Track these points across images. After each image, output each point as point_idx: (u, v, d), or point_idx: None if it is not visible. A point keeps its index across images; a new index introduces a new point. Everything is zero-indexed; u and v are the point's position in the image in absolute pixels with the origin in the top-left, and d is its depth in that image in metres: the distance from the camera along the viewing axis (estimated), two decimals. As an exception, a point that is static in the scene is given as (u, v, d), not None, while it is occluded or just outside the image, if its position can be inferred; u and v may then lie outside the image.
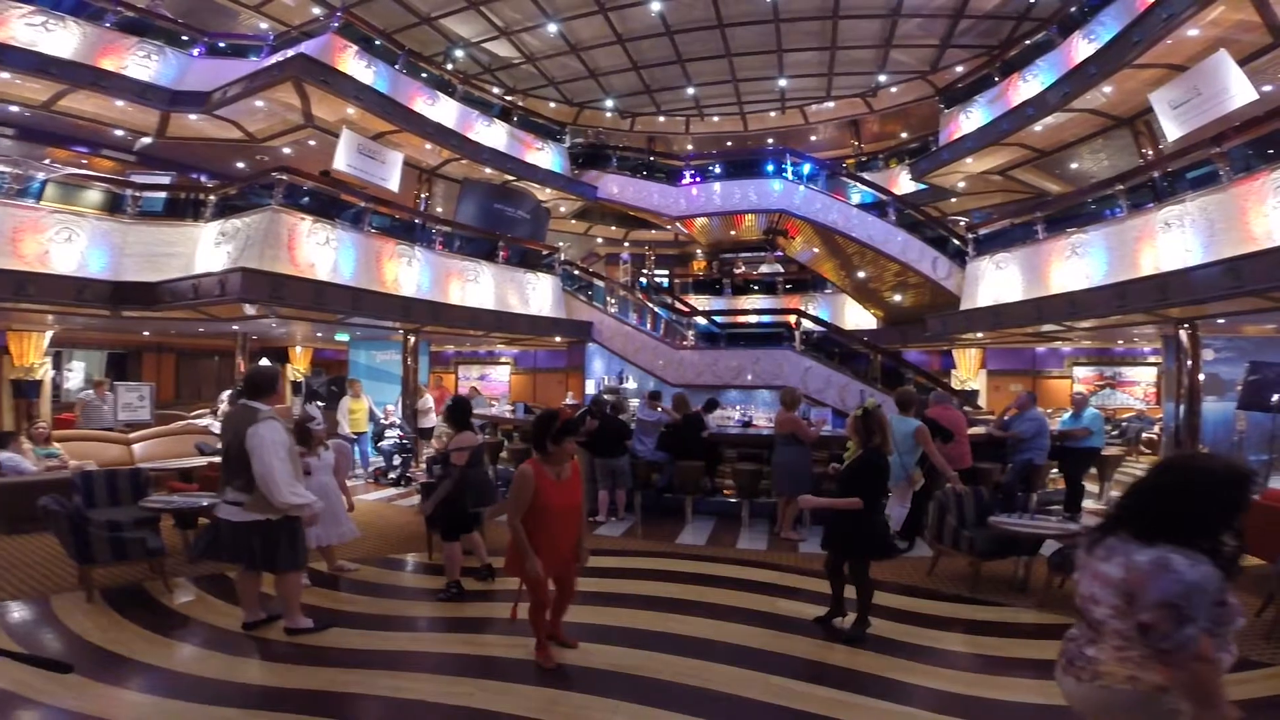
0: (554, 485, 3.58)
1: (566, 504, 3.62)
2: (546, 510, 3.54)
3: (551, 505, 3.55)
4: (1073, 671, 1.92)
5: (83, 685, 3.31)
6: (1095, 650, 1.86)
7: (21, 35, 10.02)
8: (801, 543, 6.65)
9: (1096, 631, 1.87)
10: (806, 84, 17.26)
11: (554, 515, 3.56)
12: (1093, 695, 1.86)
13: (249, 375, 4.28)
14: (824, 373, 12.25)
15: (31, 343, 12.40)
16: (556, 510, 3.56)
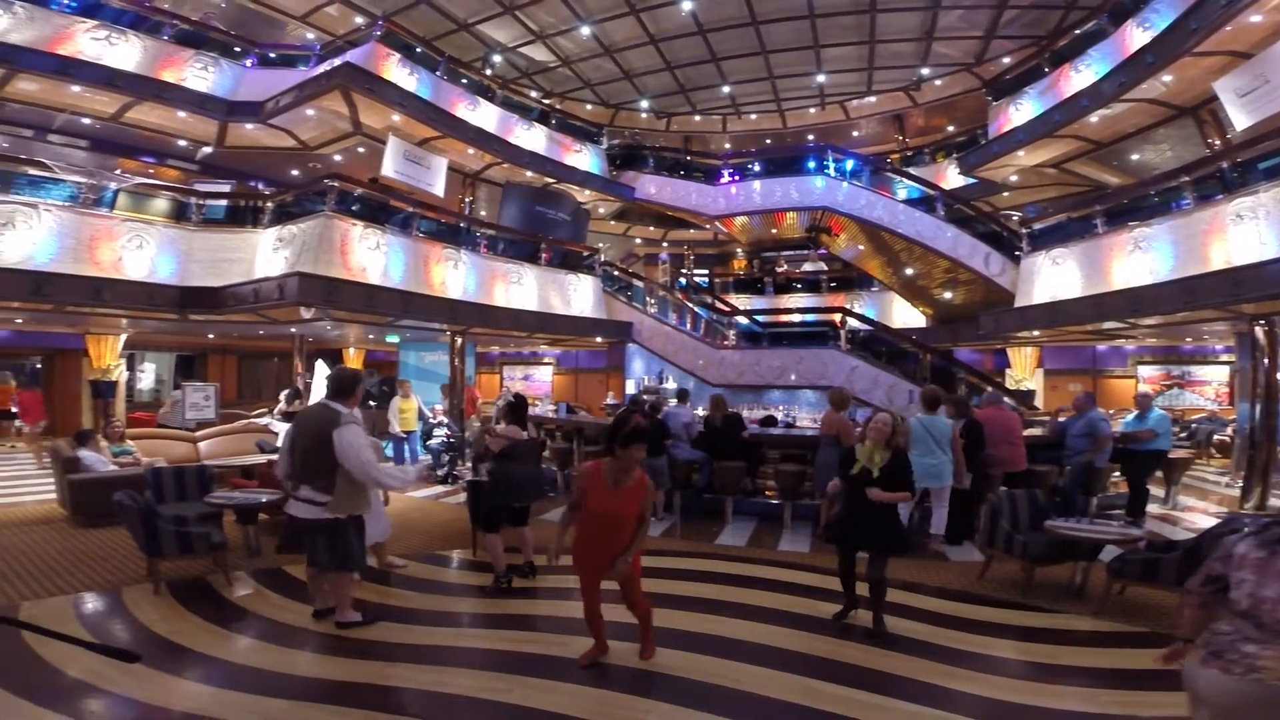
0: (603, 489, 3.53)
1: (610, 510, 3.51)
2: (588, 512, 3.56)
3: (592, 508, 3.54)
4: (1219, 664, 1.90)
5: (147, 675, 3.48)
6: (1257, 648, 1.85)
7: (88, 49, 10.58)
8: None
9: (1264, 630, 1.86)
10: (846, 79, 17.00)
11: (593, 518, 3.55)
12: (1242, 689, 1.85)
13: (334, 376, 4.42)
14: (871, 372, 12.00)
15: (108, 345, 13.21)
16: (595, 513, 3.54)
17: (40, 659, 3.65)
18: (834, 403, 7.17)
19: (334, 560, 4.18)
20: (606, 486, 3.53)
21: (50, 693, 3.28)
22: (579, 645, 4.04)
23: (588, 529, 3.58)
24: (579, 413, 11.61)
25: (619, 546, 3.51)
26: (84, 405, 13.80)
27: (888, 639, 4.19)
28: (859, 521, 4.31)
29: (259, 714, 3.17)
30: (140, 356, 16.75)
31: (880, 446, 4.24)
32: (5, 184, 8.75)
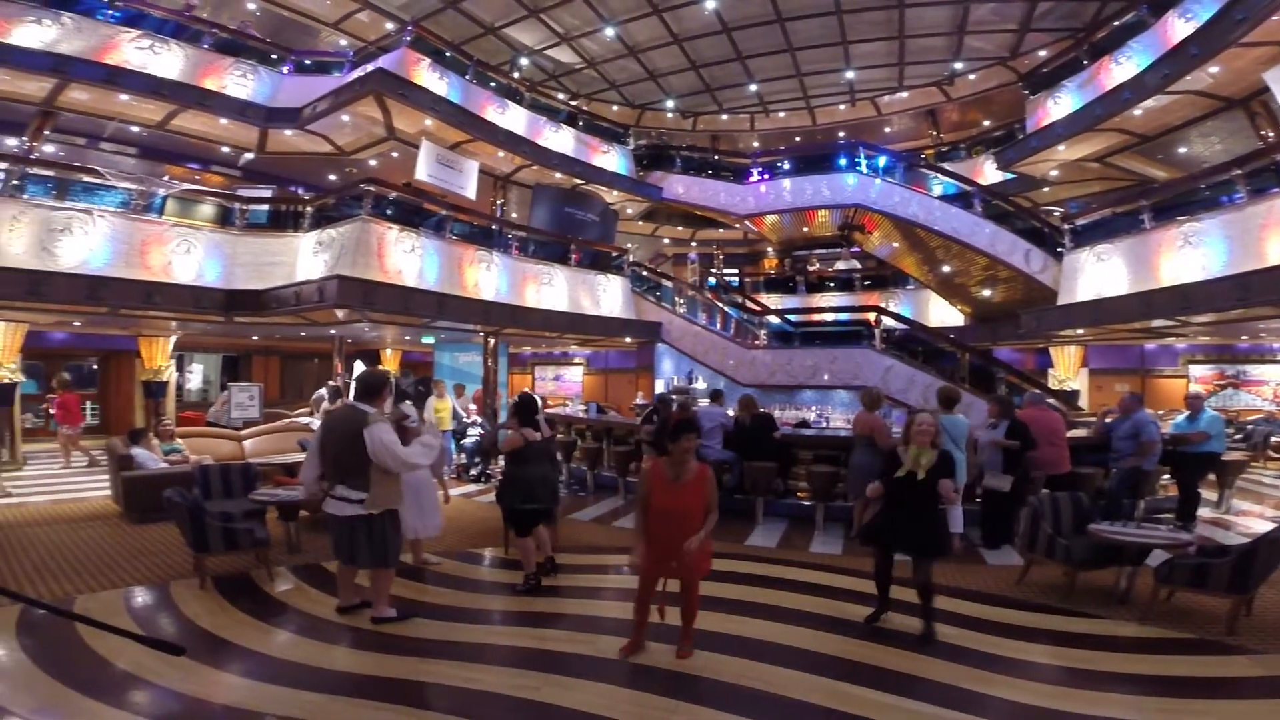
0: (666, 485, 3.71)
1: (675, 506, 3.67)
2: (654, 509, 3.71)
3: (658, 505, 3.70)
4: None
5: (191, 667, 3.62)
6: None
7: (134, 59, 10.90)
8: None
9: None
10: (876, 75, 16.74)
11: (660, 515, 3.69)
12: None
13: (362, 378, 4.61)
14: (907, 372, 11.79)
15: (158, 347, 13.72)
16: (662, 510, 3.69)
17: (92, 651, 3.81)
18: (865, 403, 7.08)
19: (373, 556, 4.31)
20: (668, 483, 3.71)
21: (99, 685, 3.41)
22: (606, 644, 4.09)
23: (655, 525, 3.72)
24: (609, 413, 11.66)
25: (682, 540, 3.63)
26: (137, 405, 14.37)
27: (932, 644, 4.11)
28: (902, 524, 4.26)
29: (296, 707, 3.26)
30: (189, 358, 17.37)
31: (927, 448, 4.20)
32: (63, 191, 9.10)
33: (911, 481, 4.18)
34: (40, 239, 8.59)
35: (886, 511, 4.40)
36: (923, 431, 4.21)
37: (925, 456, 4.18)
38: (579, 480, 10.02)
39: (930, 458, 4.18)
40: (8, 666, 3.64)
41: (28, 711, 3.12)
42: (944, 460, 4.26)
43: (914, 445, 4.23)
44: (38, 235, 8.59)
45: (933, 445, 4.23)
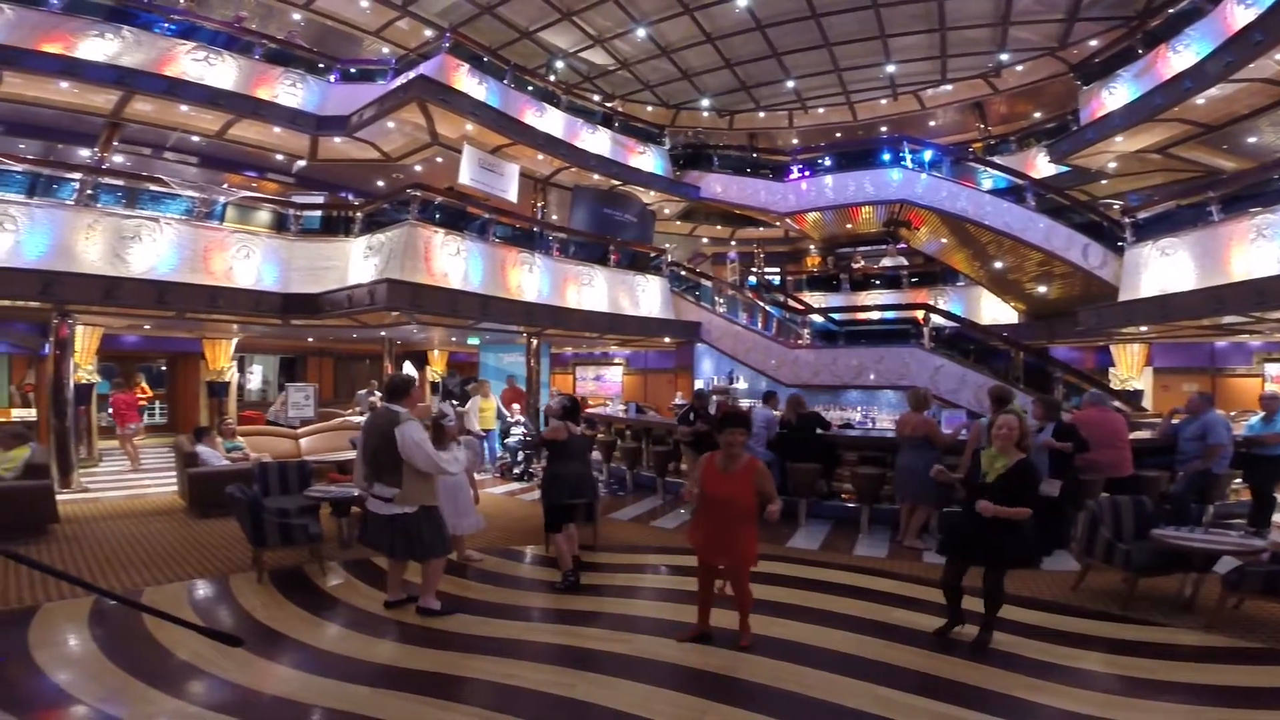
0: (715, 475, 3.95)
1: (719, 494, 3.89)
2: (703, 496, 3.97)
3: (706, 492, 3.95)
4: None
5: (246, 659, 3.76)
6: None
7: (191, 70, 11.36)
8: (926, 552, 6.30)
9: None
10: (918, 68, 16.36)
11: (707, 501, 3.94)
12: None
13: (389, 382, 4.81)
14: (957, 372, 11.42)
15: (221, 349, 14.39)
16: (709, 497, 3.93)
17: (156, 642, 4.00)
18: (913, 403, 6.92)
19: (412, 551, 4.45)
20: (718, 473, 3.94)
21: (161, 675, 3.58)
22: (641, 643, 4.11)
23: (704, 514, 3.99)
24: (648, 413, 11.68)
25: (734, 530, 3.88)
26: (201, 404, 15.10)
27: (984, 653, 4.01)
28: (977, 531, 4.03)
29: (343, 700, 3.36)
30: (249, 359, 18.14)
31: (1009, 452, 4.03)
32: (132, 200, 9.61)
33: (980, 486, 4.03)
34: (113, 246, 9.10)
35: (962, 518, 4.23)
36: (1003, 434, 4.04)
37: (1000, 461, 4.03)
38: (618, 480, 10.07)
39: (1005, 463, 4.01)
40: (79, 656, 3.85)
41: (95, 700, 3.28)
42: (1022, 467, 3.99)
43: (995, 448, 4.09)
44: (111, 242, 9.09)
45: (1018, 448, 4.04)
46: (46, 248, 8.63)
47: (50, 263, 8.55)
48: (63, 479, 8.67)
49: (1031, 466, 4.10)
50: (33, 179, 8.96)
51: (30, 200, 8.73)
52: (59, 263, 8.61)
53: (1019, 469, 3.98)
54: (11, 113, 11.22)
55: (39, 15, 10.29)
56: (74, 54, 10.28)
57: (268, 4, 13.85)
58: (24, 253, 8.45)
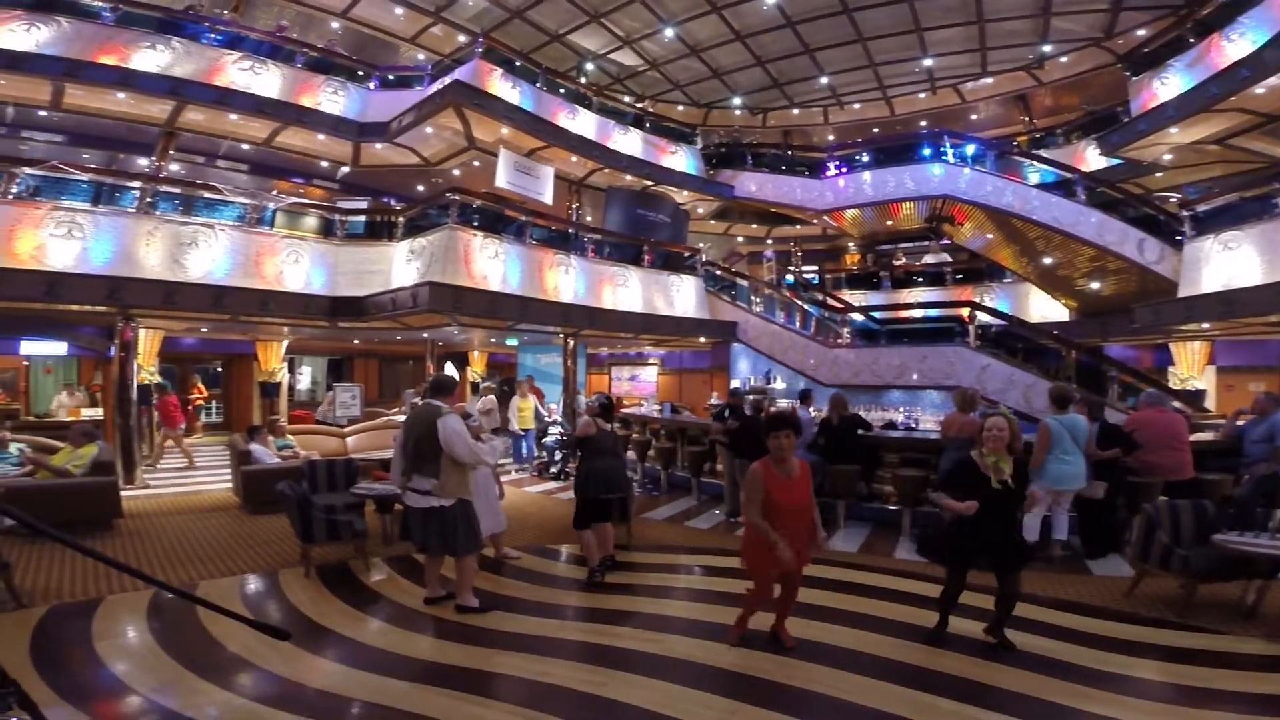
0: (782, 483, 3.78)
1: (795, 502, 3.77)
2: (778, 509, 3.74)
3: (781, 503, 3.75)
4: None
5: (292, 652, 3.91)
6: None
7: (238, 80, 11.76)
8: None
9: None
10: (956, 61, 15.91)
11: (784, 513, 3.75)
12: None
13: (433, 380, 5.00)
14: (1005, 371, 11.08)
15: (273, 351, 14.94)
16: (786, 508, 3.75)
17: (208, 634, 4.18)
18: (959, 404, 6.76)
19: (446, 545, 4.56)
20: (782, 480, 3.80)
21: (211, 666, 3.74)
22: (673, 643, 4.13)
23: (782, 525, 3.75)
24: (683, 413, 11.67)
25: (804, 534, 3.82)
26: (254, 404, 15.71)
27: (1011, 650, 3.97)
28: (982, 535, 3.97)
29: (383, 694, 3.46)
30: (299, 360, 18.79)
31: (1004, 454, 3.96)
32: (188, 207, 10.02)
33: (991, 490, 3.92)
34: (172, 252, 9.51)
35: (964, 523, 4.07)
36: (995, 436, 3.93)
37: (1006, 463, 3.94)
38: (653, 480, 10.09)
39: (1009, 464, 3.94)
40: (136, 647, 4.05)
41: (149, 691, 3.44)
42: (1021, 466, 4.04)
43: (989, 451, 3.97)
44: (170, 248, 9.50)
45: (1009, 450, 3.97)
46: (111, 254, 9.06)
47: (115, 268, 8.97)
48: (126, 476, 9.10)
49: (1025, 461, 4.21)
50: (97, 188, 9.41)
51: (95, 209, 9.17)
52: (122, 268, 9.02)
53: (1020, 468, 4.01)
54: (76, 124, 11.83)
55: (94, 28, 10.78)
56: (129, 65, 10.76)
57: (307, 13, 14.25)
58: (91, 259, 8.89)
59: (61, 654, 3.87)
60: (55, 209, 8.84)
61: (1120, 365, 11.59)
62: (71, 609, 4.59)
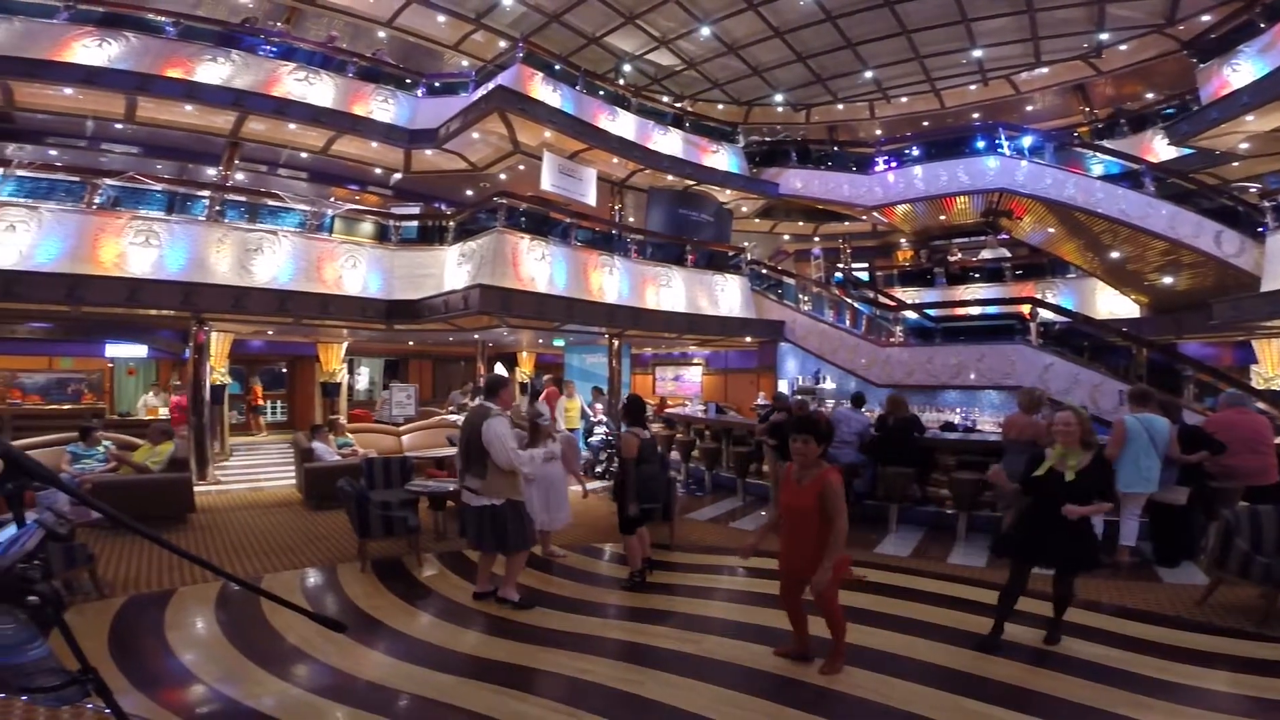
0: (790, 486, 3.72)
1: (793, 505, 3.66)
2: (781, 505, 3.79)
3: (781, 500, 3.79)
4: None
5: (346, 644, 4.07)
6: None
7: (294, 90, 12.20)
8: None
9: None
10: (1007, 52, 15.37)
11: (783, 512, 3.74)
12: None
13: (486, 381, 5.13)
14: (1069, 370, 10.61)
15: (333, 352, 15.53)
16: (784, 508, 3.74)
17: (270, 626, 4.38)
18: (1022, 404, 6.51)
19: (498, 542, 4.67)
20: (791, 484, 3.71)
21: (271, 657, 3.92)
22: (712, 644, 4.12)
23: (783, 527, 3.77)
24: (728, 413, 11.59)
25: (806, 543, 3.58)
26: (316, 403, 16.39)
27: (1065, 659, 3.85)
28: (1045, 533, 3.91)
29: (430, 687, 3.57)
30: (357, 361, 19.50)
31: (1074, 449, 3.90)
32: (253, 215, 10.51)
33: (1056, 485, 3.86)
34: (240, 258, 9.97)
35: (1027, 519, 4.07)
36: (1063, 430, 3.91)
37: (1073, 457, 3.87)
38: (697, 480, 10.06)
39: (1079, 459, 3.86)
40: (204, 638, 4.28)
41: (213, 680, 3.63)
42: (1097, 464, 3.90)
43: (1058, 444, 3.95)
44: (238, 255, 9.97)
45: (1084, 445, 3.90)
46: (185, 261, 9.56)
47: (188, 274, 9.47)
48: (199, 472, 9.65)
49: (1108, 462, 4.02)
50: (170, 197, 9.93)
51: (170, 217, 9.70)
52: (195, 274, 9.53)
53: (1097, 465, 3.88)
54: (149, 136, 12.49)
55: (160, 42, 11.35)
56: (194, 78, 11.32)
57: (355, 23, 14.70)
58: (167, 266, 9.41)
59: (136, 643, 4.10)
60: (134, 218, 9.38)
61: (1197, 364, 10.95)
62: (147, 599, 4.88)
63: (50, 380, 14.44)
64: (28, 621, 1.27)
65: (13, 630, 1.24)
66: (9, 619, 1.25)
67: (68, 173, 9.55)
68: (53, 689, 1.26)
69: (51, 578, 1.07)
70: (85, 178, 9.40)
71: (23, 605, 1.25)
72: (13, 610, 1.25)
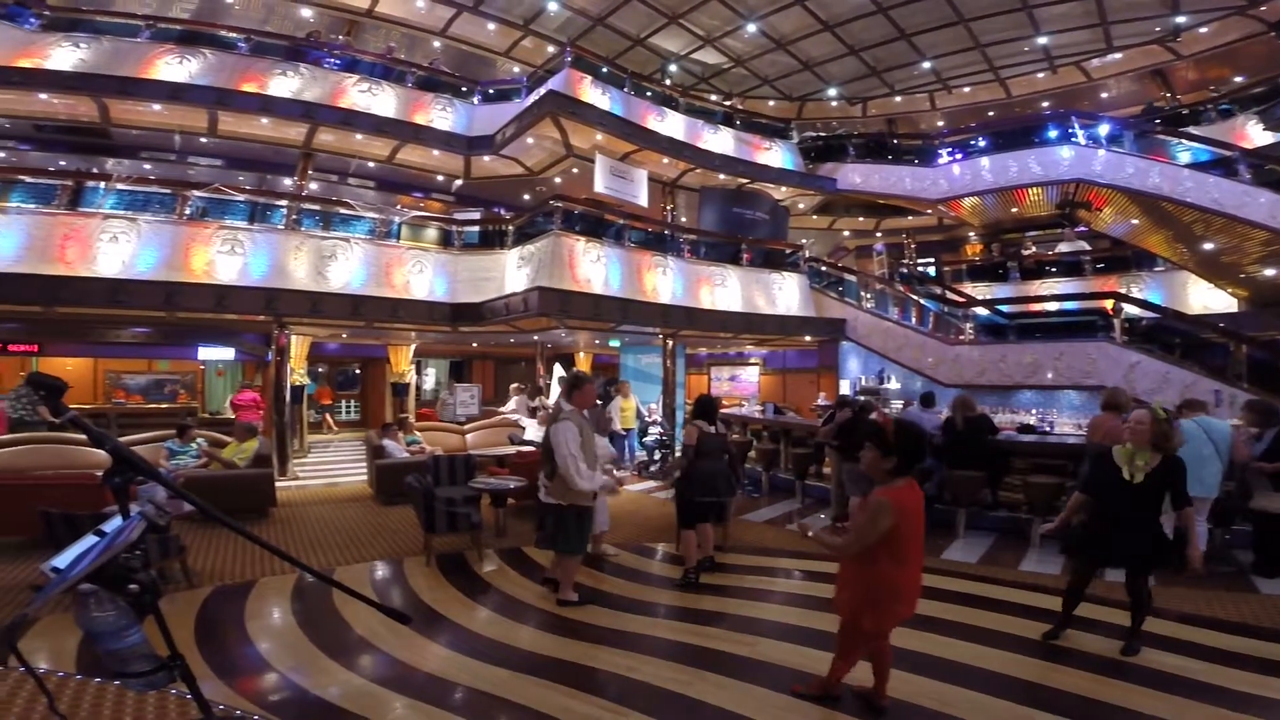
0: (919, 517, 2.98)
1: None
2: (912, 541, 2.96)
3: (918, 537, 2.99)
4: None
5: (410, 637, 4.23)
6: None
7: (359, 101, 12.66)
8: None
9: None
10: (1076, 38, 14.52)
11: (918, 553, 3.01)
12: None
13: (565, 377, 5.19)
14: (1158, 368, 9.97)
15: (402, 354, 16.16)
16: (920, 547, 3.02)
17: (340, 617, 4.60)
18: (1108, 405, 6.17)
19: (553, 541, 4.78)
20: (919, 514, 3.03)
21: (339, 647, 4.11)
22: (765, 646, 4.10)
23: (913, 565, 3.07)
24: (786, 413, 11.41)
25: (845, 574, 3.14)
26: (387, 402, 17.10)
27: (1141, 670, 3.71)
28: (1113, 532, 3.84)
29: (484, 681, 3.68)
30: (425, 363, 20.23)
31: (1144, 449, 3.79)
32: (327, 223, 11.05)
33: (1125, 485, 3.78)
34: (316, 264, 10.49)
35: (1095, 519, 3.96)
36: (1135, 429, 3.82)
37: (1141, 457, 3.79)
38: (753, 481, 9.96)
39: (1148, 460, 3.77)
40: (279, 627, 4.52)
41: (285, 669, 3.83)
42: (1169, 467, 3.77)
43: (1129, 444, 3.86)
44: (314, 261, 10.49)
45: (1155, 447, 3.79)
46: (267, 268, 10.13)
47: (270, 281, 10.03)
48: (280, 468, 10.22)
49: (1181, 464, 3.86)
50: (251, 207, 10.56)
51: (252, 227, 10.30)
52: (276, 280, 10.07)
53: (1170, 467, 3.80)
54: (230, 149, 13.26)
55: (234, 58, 11.99)
56: (267, 92, 11.92)
57: (410, 34, 15.18)
58: (251, 273, 10.00)
59: (218, 631, 4.37)
60: (220, 228, 10.00)
61: (1303, 361, 10.06)
62: (231, 590, 5.19)
63: (150, 381, 15.64)
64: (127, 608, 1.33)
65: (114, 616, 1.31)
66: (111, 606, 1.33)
67: (160, 185, 10.24)
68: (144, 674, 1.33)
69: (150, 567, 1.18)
70: (175, 190, 10.08)
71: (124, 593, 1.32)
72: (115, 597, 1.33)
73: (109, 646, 1.31)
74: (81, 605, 1.30)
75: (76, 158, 12.73)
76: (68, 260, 8.98)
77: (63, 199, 9.32)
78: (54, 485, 6.34)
